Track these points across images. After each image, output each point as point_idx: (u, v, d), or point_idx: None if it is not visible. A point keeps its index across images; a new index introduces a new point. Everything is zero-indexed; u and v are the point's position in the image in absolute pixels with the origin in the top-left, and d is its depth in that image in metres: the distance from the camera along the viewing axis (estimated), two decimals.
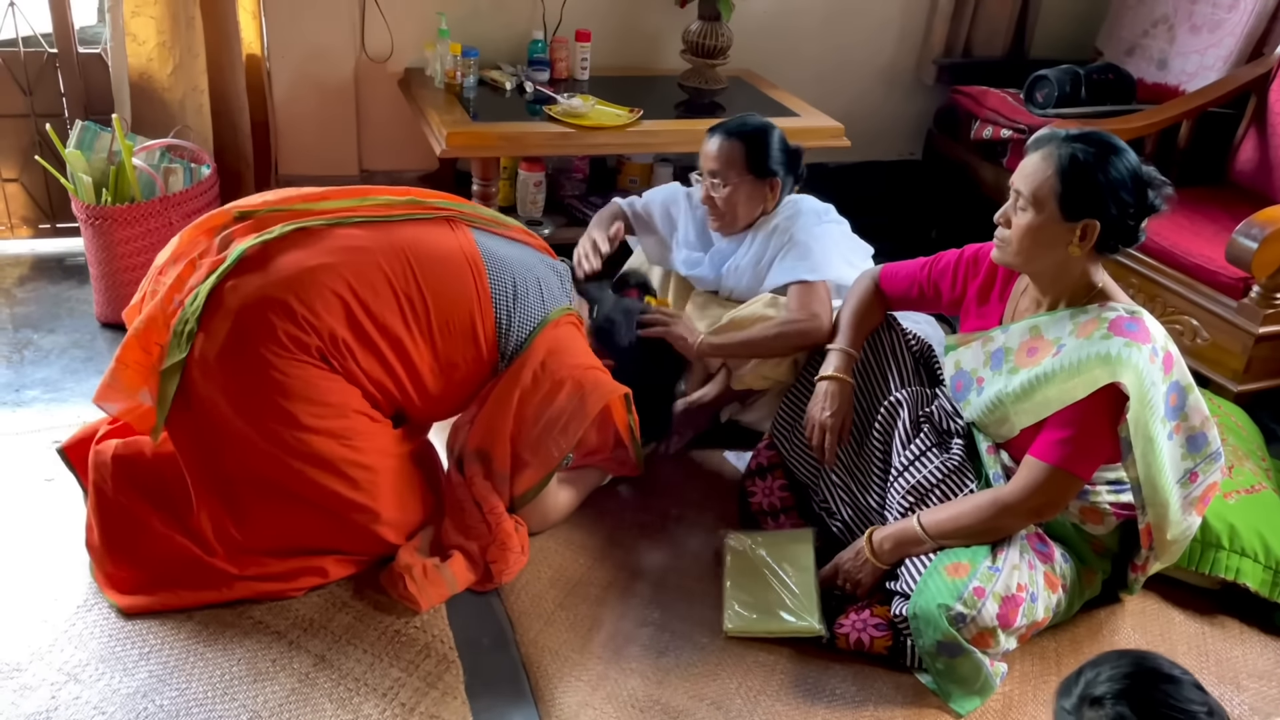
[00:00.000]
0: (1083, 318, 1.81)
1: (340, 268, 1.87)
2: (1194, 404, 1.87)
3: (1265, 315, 2.53)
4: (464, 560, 1.95)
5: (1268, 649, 2.03)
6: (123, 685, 1.69)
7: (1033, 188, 1.76)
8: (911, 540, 1.86)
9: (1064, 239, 1.77)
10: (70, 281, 2.98)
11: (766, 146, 2.32)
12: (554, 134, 2.85)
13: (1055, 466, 1.79)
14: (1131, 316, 1.79)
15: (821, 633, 1.88)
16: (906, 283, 2.10)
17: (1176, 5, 3.44)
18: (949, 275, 2.05)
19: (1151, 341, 1.77)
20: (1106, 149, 1.74)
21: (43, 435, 2.28)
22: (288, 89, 3.13)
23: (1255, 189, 3.06)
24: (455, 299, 1.95)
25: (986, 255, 2.00)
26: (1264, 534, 2.08)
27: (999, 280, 1.99)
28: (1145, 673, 1.21)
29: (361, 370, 1.88)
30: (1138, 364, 1.73)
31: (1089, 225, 1.75)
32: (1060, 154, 1.74)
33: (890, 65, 3.85)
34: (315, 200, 1.99)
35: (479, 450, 2.02)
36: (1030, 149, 1.81)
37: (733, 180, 2.32)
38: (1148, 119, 3.12)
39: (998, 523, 1.84)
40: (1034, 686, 1.88)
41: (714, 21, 3.19)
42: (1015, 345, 1.89)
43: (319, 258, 1.87)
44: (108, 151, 2.71)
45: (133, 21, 2.80)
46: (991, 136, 3.42)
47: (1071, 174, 1.72)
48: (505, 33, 3.29)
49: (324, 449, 1.83)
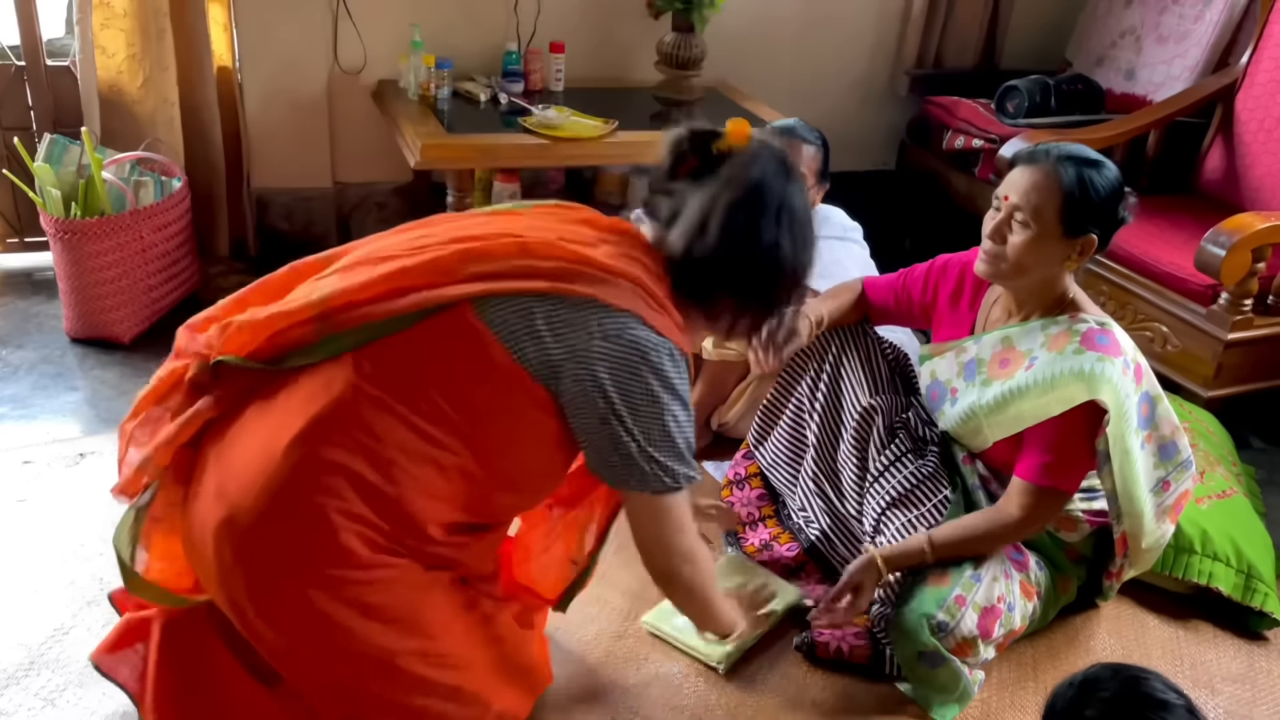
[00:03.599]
0: (1054, 329, 1.83)
1: (327, 434, 1.36)
2: (1164, 413, 1.89)
3: (1234, 321, 2.57)
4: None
5: (1240, 652, 2.06)
6: (101, 710, 1.66)
7: (1035, 204, 1.75)
8: (917, 559, 1.84)
9: (1063, 254, 1.78)
10: (39, 296, 2.94)
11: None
12: (529, 145, 2.84)
13: (1044, 486, 1.81)
14: (1102, 329, 1.81)
15: (718, 667, 1.86)
16: (886, 292, 2.11)
17: (1144, 16, 3.49)
18: (920, 283, 2.06)
19: (1123, 354, 1.79)
20: (1099, 165, 1.76)
21: (13, 454, 2.25)
22: (260, 101, 3.11)
23: (1223, 197, 3.11)
24: (463, 376, 1.42)
25: (956, 263, 2.02)
26: (1235, 538, 2.11)
27: (968, 288, 2.01)
28: (1137, 698, 1.18)
29: (423, 524, 1.41)
30: (1113, 379, 1.75)
31: (1087, 241, 1.77)
32: (1064, 172, 1.74)
33: (864, 77, 3.88)
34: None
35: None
36: (1021, 162, 1.80)
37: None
38: (1117, 129, 3.16)
39: (998, 545, 1.87)
40: (1011, 693, 1.89)
41: (688, 33, 3.20)
42: (987, 356, 1.91)
43: (295, 432, 1.36)
44: (77, 165, 2.68)
45: (102, 34, 2.77)
46: (964, 146, 3.45)
47: (1079, 192, 1.73)
48: (479, 44, 3.28)
49: (416, 672, 1.44)
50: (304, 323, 1.40)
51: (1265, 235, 2.48)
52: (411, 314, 1.39)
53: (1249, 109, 3.08)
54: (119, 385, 2.58)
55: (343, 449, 1.35)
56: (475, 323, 1.39)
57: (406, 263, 1.42)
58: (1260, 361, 2.67)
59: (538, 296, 1.41)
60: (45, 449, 2.27)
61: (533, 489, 1.57)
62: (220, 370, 1.43)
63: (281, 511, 1.35)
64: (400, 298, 1.39)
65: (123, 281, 2.70)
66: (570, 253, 1.44)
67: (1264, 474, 2.62)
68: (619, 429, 1.41)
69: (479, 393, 1.40)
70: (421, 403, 1.37)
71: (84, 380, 2.59)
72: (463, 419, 1.39)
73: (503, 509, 1.56)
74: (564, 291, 1.42)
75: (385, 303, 1.39)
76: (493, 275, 1.41)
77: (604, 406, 1.40)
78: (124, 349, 2.73)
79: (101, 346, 2.73)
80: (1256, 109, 3.06)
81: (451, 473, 1.40)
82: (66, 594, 1.88)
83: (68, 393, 2.53)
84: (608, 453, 1.43)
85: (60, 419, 2.43)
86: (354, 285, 1.41)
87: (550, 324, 1.40)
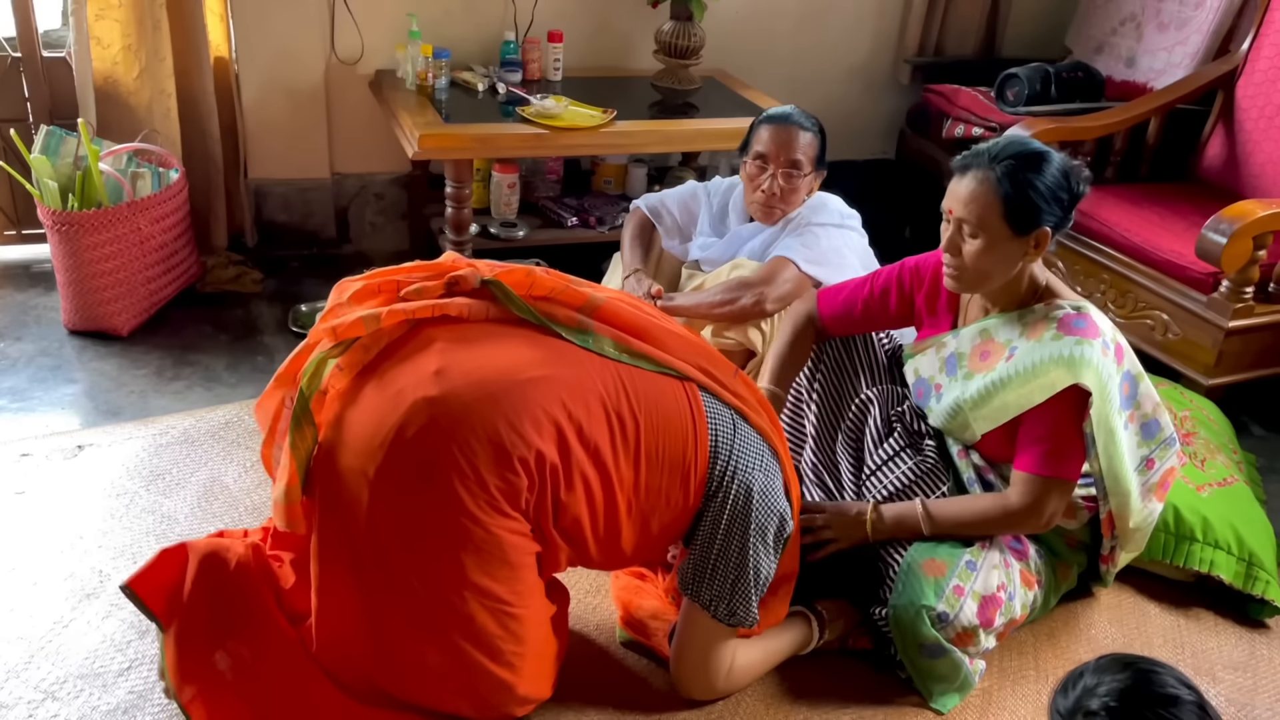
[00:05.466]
0: (1031, 317, 1.83)
1: (555, 383, 1.51)
2: (1145, 391, 1.90)
3: (1235, 309, 2.56)
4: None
5: (1242, 640, 2.06)
6: (102, 702, 1.66)
7: (978, 214, 1.74)
8: (912, 524, 1.86)
9: (1020, 252, 1.78)
10: (37, 289, 2.94)
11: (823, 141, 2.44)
12: (528, 135, 2.83)
13: (1048, 477, 1.80)
14: (1078, 313, 1.80)
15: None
16: (847, 301, 2.07)
17: (1144, 3, 3.48)
18: (894, 288, 2.04)
19: (1100, 335, 1.79)
20: (1034, 157, 1.74)
21: (11, 446, 2.24)
22: (257, 92, 3.09)
23: (1223, 184, 3.10)
24: (668, 419, 1.58)
25: (927, 265, 2.01)
26: (1236, 526, 2.11)
27: (944, 289, 1.99)
28: (1144, 691, 1.17)
29: (559, 512, 1.52)
30: (1094, 361, 1.75)
31: (1040, 234, 1.76)
32: (995, 175, 1.72)
33: (864, 65, 3.86)
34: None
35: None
36: (957, 171, 1.79)
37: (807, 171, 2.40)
38: (1117, 116, 3.15)
39: (1004, 530, 1.87)
40: (1013, 681, 1.89)
41: (686, 22, 3.18)
42: (967, 350, 1.90)
43: (532, 367, 1.51)
44: (74, 156, 2.67)
45: (97, 25, 2.76)
46: (964, 135, 3.44)
47: (1013, 192, 1.71)
48: (477, 34, 3.27)
49: (482, 622, 1.51)
50: (571, 306, 1.60)
51: (1266, 223, 2.48)
52: (655, 363, 1.61)
53: (1249, 96, 3.07)
54: (117, 377, 2.57)
55: (566, 414, 1.49)
56: (699, 402, 1.62)
57: (662, 324, 1.67)
58: (1261, 349, 2.67)
59: (740, 415, 1.67)
60: (44, 441, 2.27)
61: (643, 551, 1.68)
62: (483, 291, 1.58)
63: (489, 415, 1.45)
64: (652, 346, 1.62)
65: (120, 274, 2.69)
66: (762, 398, 1.73)
67: (1264, 461, 2.62)
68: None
69: (669, 448, 1.58)
70: (629, 424, 1.55)
71: (82, 372, 2.58)
72: (645, 459, 1.56)
73: (611, 554, 1.64)
74: (753, 422, 1.68)
75: (640, 341, 1.62)
76: (716, 379, 1.66)
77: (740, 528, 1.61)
78: (122, 341, 2.73)
79: (99, 338, 2.73)
80: (1257, 96, 3.05)
81: (610, 491, 1.55)
82: (65, 587, 1.88)
83: (66, 385, 2.52)
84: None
85: (59, 411, 2.42)
86: (621, 309, 1.64)
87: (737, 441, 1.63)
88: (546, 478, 1.48)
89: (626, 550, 1.62)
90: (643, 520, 1.59)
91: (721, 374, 1.68)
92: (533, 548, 1.53)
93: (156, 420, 2.38)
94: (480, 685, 1.55)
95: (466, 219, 2.91)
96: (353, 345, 1.54)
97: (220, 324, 2.86)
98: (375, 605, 1.51)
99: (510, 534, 1.48)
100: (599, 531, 1.56)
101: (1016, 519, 1.83)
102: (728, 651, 1.71)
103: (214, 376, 2.62)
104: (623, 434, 1.54)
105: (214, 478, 2.20)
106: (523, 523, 1.49)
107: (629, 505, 1.57)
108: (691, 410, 1.60)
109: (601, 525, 1.56)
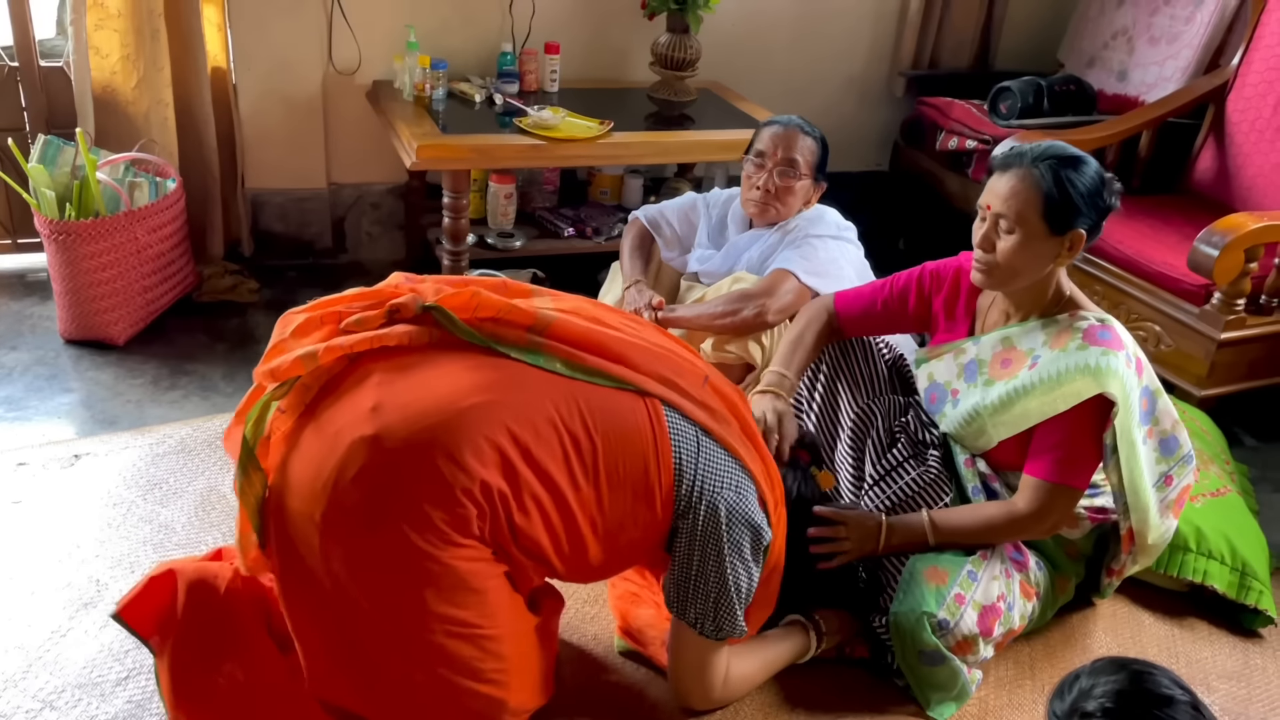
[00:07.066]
0: (1054, 327, 1.84)
1: (498, 408, 1.47)
2: (1164, 408, 1.91)
3: (1227, 321, 2.58)
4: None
5: (1235, 649, 2.07)
6: (100, 712, 1.66)
7: (1017, 208, 1.77)
8: (918, 536, 1.87)
9: (1053, 253, 1.80)
10: (33, 298, 2.93)
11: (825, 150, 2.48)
12: (525, 146, 2.84)
13: (1057, 484, 1.81)
14: (1103, 325, 1.82)
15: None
16: (867, 302, 2.08)
17: (1135, 18, 3.51)
18: (914, 289, 2.06)
19: (1125, 348, 1.80)
20: (1074, 159, 1.78)
21: (8, 456, 2.24)
22: (254, 102, 3.10)
23: (1215, 197, 3.13)
24: (627, 437, 1.56)
25: (947, 270, 2.03)
26: (1230, 536, 2.12)
27: (963, 294, 2.01)
28: (1140, 693, 1.18)
29: (516, 534, 1.49)
30: (1119, 371, 1.76)
31: (1075, 236, 1.78)
32: (1039, 172, 1.75)
33: (858, 77, 3.89)
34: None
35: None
36: (997, 169, 1.81)
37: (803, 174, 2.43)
38: (1110, 129, 3.18)
39: (1008, 536, 1.88)
40: (1009, 691, 1.90)
41: (682, 34, 3.20)
42: (988, 357, 1.91)
43: (473, 394, 1.47)
44: (71, 166, 2.67)
45: (96, 34, 2.76)
46: (957, 147, 3.47)
47: (1055, 190, 1.74)
48: (474, 45, 3.29)
49: (456, 648, 1.48)
50: (519, 326, 1.56)
51: (1258, 235, 2.50)
52: (612, 378, 1.57)
53: (1240, 110, 3.10)
54: (113, 387, 2.57)
55: (511, 438, 1.45)
56: (661, 420, 1.58)
57: (623, 335, 1.62)
58: (1253, 360, 2.69)
59: (705, 431, 1.63)
60: (40, 451, 2.27)
61: (617, 564, 1.68)
62: (425, 317, 1.54)
63: (427, 450, 1.42)
64: (610, 361, 1.58)
65: (117, 283, 2.69)
66: (733, 404, 1.68)
67: (1257, 472, 2.64)
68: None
69: (630, 468, 1.55)
70: (584, 444, 1.52)
71: (78, 382, 2.58)
72: (605, 478, 1.53)
73: (580, 570, 1.61)
74: (719, 438, 1.64)
75: (596, 357, 1.58)
76: (681, 391, 1.62)
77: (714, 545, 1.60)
78: (118, 350, 2.72)
79: (96, 348, 2.72)
80: (1248, 110, 3.08)
81: (568, 511, 1.51)
82: (63, 596, 1.88)
83: (62, 394, 2.52)
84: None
85: (55, 421, 2.42)
86: (574, 326, 1.58)
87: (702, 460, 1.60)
88: (496, 504, 1.45)
89: (595, 565, 1.60)
90: (609, 537, 1.57)
91: (688, 384, 1.64)
92: (497, 569, 1.50)
93: (153, 429, 2.38)
94: (470, 704, 1.53)
95: (463, 229, 2.92)
96: (294, 386, 1.52)
97: (217, 333, 2.86)
98: (348, 641, 1.48)
99: (467, 562, 1.45)
100: (562, 550, 1.54)
101: (1022, 524, 1.84)
102: (721, 661, 1.72)
103: (210, 386, 2.62)
104: (578, 453, 1.51)
105: (211, 487, 2.20)
106: (480, 548, 1.46)
107: (592, 523, 1.54)
108: (653, 428, 1.57)
109: (565, 544, 1.53)
